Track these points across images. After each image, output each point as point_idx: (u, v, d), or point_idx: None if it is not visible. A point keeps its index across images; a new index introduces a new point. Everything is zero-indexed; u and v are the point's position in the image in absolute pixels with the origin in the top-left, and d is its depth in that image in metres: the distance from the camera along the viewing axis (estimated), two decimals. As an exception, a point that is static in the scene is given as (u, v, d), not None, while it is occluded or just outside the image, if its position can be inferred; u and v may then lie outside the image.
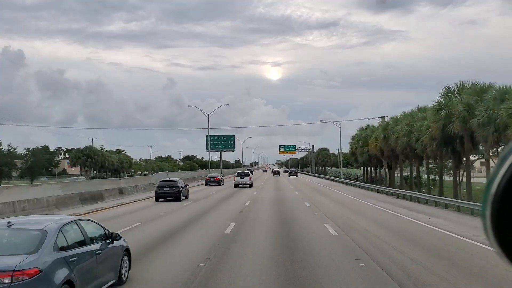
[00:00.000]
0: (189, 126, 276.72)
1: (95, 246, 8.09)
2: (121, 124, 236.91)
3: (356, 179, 65.87)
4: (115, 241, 8.83)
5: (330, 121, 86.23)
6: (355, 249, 13.28)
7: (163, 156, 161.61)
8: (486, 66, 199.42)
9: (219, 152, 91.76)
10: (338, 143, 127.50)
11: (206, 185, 55.88)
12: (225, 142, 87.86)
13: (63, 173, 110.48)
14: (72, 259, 7.12)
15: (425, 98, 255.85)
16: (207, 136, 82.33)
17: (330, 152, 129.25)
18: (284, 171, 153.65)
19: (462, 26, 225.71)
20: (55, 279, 6.54)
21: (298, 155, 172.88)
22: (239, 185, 50.73)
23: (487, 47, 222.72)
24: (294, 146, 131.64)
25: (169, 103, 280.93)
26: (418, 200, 30.77)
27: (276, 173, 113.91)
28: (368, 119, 68.13)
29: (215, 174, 64.63)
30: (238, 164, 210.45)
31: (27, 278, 6.15)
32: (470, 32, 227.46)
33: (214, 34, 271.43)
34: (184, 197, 33.75)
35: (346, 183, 60.86)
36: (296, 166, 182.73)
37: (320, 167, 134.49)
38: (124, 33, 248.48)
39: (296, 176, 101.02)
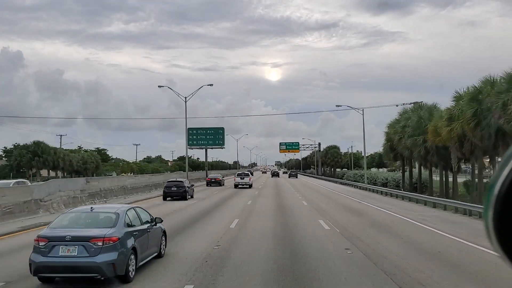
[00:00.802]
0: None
1: (146, 226, 11.13)
2: (120, 125, 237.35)
3: (385, 184, 51.82)
4: (157, 224, 11.89)
5: (350, 107, 59.92)
6: None
7: (153, 156, 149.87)
8: (485, 67, 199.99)
9: (204, 150, 77.73)
10: (343, 144, 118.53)
11: (207, 185, 58.02)
12: (211, 136, 73.55)
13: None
14: (135, 232, 10.19)
15: (425, 99, 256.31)
16: (187, 129, 62.19)
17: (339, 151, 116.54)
18: (284, 172, 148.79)
19: (462, 27, 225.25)
20: (127, 245, 9.60)
21: (301, 155, 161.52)
22: (239, 186, 52.43)
23: (487, 48, 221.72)
24: (297, 144, 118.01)
25: (168, 104, 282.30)
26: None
27: (275, 174, 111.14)
28: (397, 105, 48.66)
29: (216, 174, 66.30)
30: (235, 165, 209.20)
31: (112, 242, 9.18)
32: (470, 33, 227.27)
33: (213, 35, 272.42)
34: (190, 196, 36.71)
35: (383, 193, 41.32)
36: (298, 167, 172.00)
37: (328, 169, 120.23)
38: (124, 34, 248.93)
39: (296, 177, 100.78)
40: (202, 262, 11.64)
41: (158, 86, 61.19)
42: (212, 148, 76.70)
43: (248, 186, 52.82)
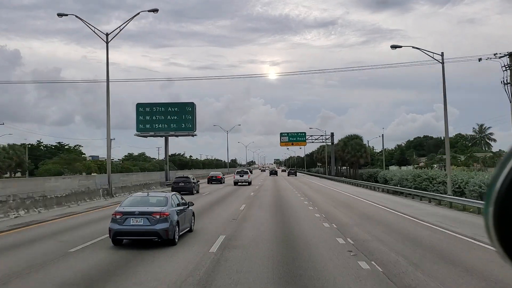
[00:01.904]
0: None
1: (183, 207, 15.39)
2: (119, 124, 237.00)
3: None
4: (189, 207, 16.17)
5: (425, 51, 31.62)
6: None
7: (135, 154, 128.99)
8: (484, 64, 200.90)
9: (164, 139, 57.07)
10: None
11: (208, 183, 60.15)
12: (174, 117, 53.24)
13: None
14: (178, 211, 14.45)
15: (424, 97, 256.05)
16: (137, 105, 54.13)
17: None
18: (282, 171, 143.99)
19: (461, 24, 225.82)
20: (174, 218, 13.85)
21: (304, 150, 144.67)
22: (239, 183, 55.37)
23: (486, 45, 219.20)
24: (303, 135, 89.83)
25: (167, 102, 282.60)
26: None
27: (273, 172, 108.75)
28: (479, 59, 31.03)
29: (217, 172, 69.09)
30: (233, 164, 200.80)
31: (165, 216, 13.43)
32: (469, 30, 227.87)
33: (212, 34, 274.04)
34: (196, 192, 40.98)
35: None
36: (301, 166, 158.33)
37: (345, 167, 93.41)
38: (122, 32, 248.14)
39: (295, 175, 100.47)
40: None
41: (58, 15, 37.77)
42: (176, 136, 56.66)
43: (247, 183, 55.68)
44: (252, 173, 69.29)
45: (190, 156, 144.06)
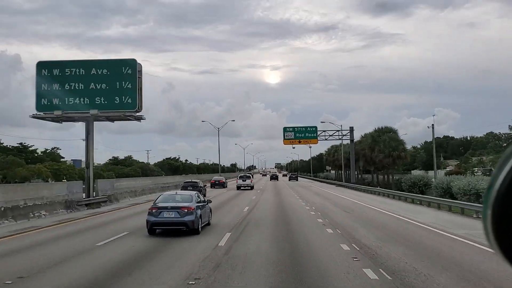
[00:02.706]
0: (188, 130, 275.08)
1: (203, 204, 18.84)
2: (118, 129, 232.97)
3: None
4: (208, 204, 19.62)
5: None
6: None
7: (121, 158, 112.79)
8: (485, 68, 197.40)
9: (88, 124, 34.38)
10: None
11: (211, 187, 61.95)
12: (102, 85, 32.79)
13: None
14: (199, 206, 17.91)
15: (425, 101, 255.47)
16: (38, 64, 33.68)
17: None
18: (284, 175, 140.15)
19: (461, 28, 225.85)
20: (197, 212, 17.36)
21: (310, 152, 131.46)
22: (241, 187, 57.41)
23: (486, 49, 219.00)
24: (314, 130, 71.79)
25: (168, 107, 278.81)
26: None
27: (273, 177, 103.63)
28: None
29: (219, 177, 71.62)
30: (233, 168, 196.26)
31: (192, 210, 16.90)
32: (469, 35, 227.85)
33: (212, 38, 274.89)
34: (203, 195, 44.40)
35: None
36: (306, 170, 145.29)
37: (373, 172, 72.48)
38: (123, 37, 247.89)
39: (296, 180, 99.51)
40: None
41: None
42: (108, 119, 34.84)
43: (249, 187, 57.72)
44: (253, 177, 70.75)
45: (186, 160, 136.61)
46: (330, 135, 72.43)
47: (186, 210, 16.78)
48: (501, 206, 1.10)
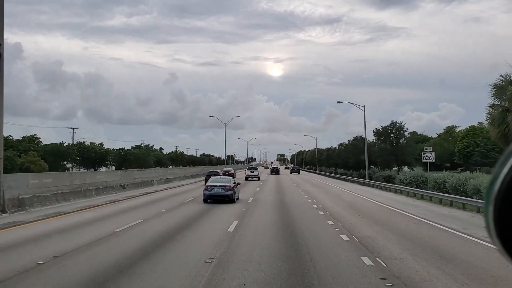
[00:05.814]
0: (190, 121, 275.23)
1: (236, 184, 29.68)
2: (121, 119, 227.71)
3: None
4: (238, 185, 30.49)
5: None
6: None
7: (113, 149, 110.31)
8: (490, 64, 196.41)
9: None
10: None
11: None
12: None
13: None
14: (234, 185, 28.82)
15: (428, 96, 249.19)
16: None
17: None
18: (285, 168, 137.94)
19: (466, 23, 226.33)
20: (234, 189, 28.39)
21: (316, 142, 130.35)
22: (249, 178, 65.04)
23: (491, 44, 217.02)
24: None
25: (170, 98, 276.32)
26: None
27: (274, 170, 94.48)
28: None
29: (229, 168, 75.92)
30: (229, 161, 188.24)
31: (231, 188, 27.83)
32: (474, 29, 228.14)
33: (216, 30, 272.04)
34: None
35: None
36: (311, 164, 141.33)
37: (378, 169, 62.67)
38: (126, 27, 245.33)
39: (298, 173, 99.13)
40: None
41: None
42: None
43: (257, 178, 65.51)
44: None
45: (188, 150, 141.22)
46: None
47: (228, 188, 27.52)
48: (502, 203, 1.11)
